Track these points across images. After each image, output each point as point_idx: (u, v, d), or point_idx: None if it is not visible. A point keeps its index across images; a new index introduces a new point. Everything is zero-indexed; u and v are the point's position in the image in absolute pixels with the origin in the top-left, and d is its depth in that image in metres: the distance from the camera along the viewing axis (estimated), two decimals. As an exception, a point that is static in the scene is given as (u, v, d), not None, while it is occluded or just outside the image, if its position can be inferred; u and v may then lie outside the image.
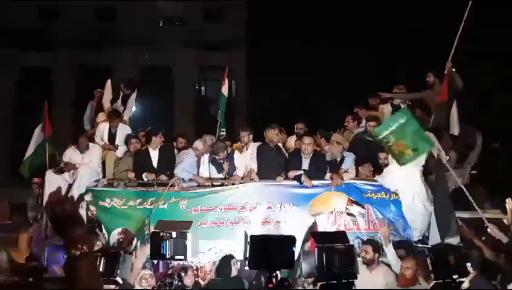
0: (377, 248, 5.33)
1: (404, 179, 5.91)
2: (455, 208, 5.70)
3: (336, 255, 2.78)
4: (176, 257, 4.17)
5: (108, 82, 8.26)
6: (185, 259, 4.93)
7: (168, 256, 4.09)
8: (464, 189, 5.65)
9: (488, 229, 5.24)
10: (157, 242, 4.08)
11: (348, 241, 2.89)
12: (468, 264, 3.54)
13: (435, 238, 5.45)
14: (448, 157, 5.94)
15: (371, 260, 5.17)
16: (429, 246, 2.97)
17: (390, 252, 5.31)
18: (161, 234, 4.10)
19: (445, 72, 6.71)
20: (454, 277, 2.61)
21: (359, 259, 4.98)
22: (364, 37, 16.06)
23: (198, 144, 6.95)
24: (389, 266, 5.32)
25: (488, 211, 5.81)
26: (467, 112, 6.99)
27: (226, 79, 8.63)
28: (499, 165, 7.26)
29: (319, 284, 2.87)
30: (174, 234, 4.07)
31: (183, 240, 4.11)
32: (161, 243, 4.04)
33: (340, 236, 2.95)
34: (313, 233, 3.12)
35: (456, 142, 6.70)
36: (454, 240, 5.22)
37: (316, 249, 2.87)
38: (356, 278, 2.70)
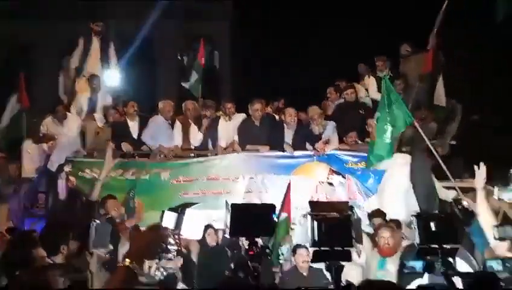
0: None
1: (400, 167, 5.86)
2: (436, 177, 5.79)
3: (331, 224, 2.77)
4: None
5: (81, 40, 7.99)
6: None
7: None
8: (439, 160, 5.70)
9: (464, 202, 5.30)
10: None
11: (346, 210, 2.91)
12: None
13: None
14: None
15: None
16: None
17: None
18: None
19: (429, 47, 6.78)
20: (444, 245, 2.61)
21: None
22: (355, 9, 15.81)
23: (159, 104, 7.08)
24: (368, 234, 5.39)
25: (466, 180, 5.91)
26: (450, 85, 7.09)
27: (203, 51, 8.49)
28: (479, 137, 7.39)
29: (311, 250, 2.86)
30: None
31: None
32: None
33: (338, 205, 2.97)
34: (310, 202, 3.13)
35: (438, 113, 6.82)
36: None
37: (309, 217, 2.87)
38: (352, 246, 2.70)
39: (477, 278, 2.32)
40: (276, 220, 5.33)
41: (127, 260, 1.82)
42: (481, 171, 3.46)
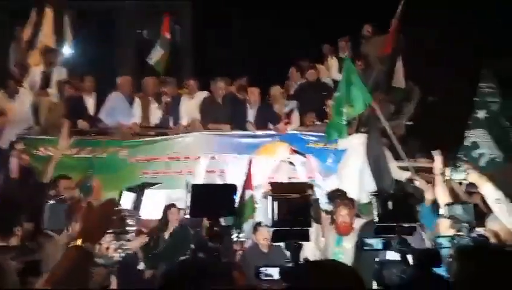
0: None
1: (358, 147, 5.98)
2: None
3: (290, 204, 2.78)
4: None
5: (33, 11, 7.54)
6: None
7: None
8: (394, 140, 5.85)
9: (416, 182, 5.48)
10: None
11: (307, 191, 2.92)
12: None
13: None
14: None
15: None
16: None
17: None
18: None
19: (391, 29, 6.89)
20: (402, 223, 2.69)
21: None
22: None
23: (118, 79, 6.93)
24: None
25: (420, 160, 6.14)
26: (408, 67, 7.27)
27: (168, 26, 8.25)
28: (435, 118, 7.66)
29: (271, 229, 2.88)
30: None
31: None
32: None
33: (299, 186, 2.98)
34: (271, 182, 3.12)
35: (397, 95, 7.01)
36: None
37: (269, 197, 2.88)
38: (310, 226, 2.74)
39: (425, 254, 2.45)
40: (241, 200, 5.37)
41: (79, 240, 1.73)
42: (439, 157, 3.61)
